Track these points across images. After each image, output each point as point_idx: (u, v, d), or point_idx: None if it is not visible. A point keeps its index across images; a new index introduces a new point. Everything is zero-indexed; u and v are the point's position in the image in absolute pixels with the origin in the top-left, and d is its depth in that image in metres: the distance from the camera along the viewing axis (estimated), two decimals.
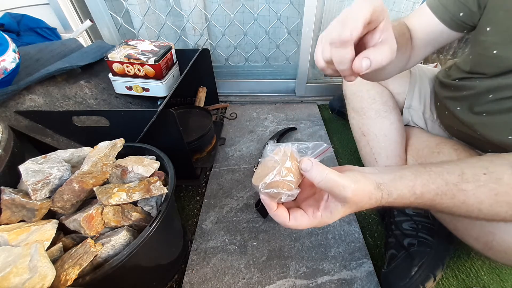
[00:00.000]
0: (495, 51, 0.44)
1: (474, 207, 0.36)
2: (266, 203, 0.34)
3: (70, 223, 0.44)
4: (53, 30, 0.97)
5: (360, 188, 0.32)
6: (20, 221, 0.44)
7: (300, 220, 0.34)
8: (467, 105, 0.53)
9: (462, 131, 0.55)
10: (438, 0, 0.48)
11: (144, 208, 0.50)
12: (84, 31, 1.04)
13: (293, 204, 0.37)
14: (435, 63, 1.03)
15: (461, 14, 0.47)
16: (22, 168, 0.44)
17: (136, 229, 0.49)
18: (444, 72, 0.63)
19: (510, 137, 0.45)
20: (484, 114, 0.49)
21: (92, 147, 0.53)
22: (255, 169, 0.83)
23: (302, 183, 0.35)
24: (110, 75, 0.82)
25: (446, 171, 0.37)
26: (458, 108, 0.55)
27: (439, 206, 0.36)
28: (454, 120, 0.57)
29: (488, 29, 0.44)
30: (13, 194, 0.43)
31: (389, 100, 0.70)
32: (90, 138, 0.58)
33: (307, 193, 0.38)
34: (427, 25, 0.50)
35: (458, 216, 0.37)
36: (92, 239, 0.43)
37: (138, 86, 0.83)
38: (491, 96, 0.48)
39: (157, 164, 0.55)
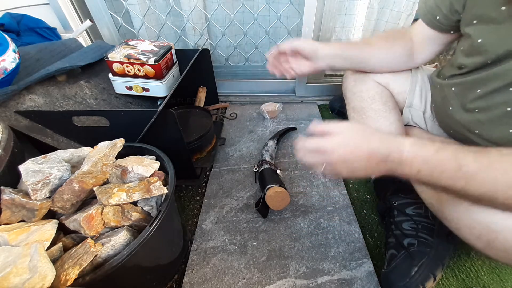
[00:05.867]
0: (479, 40, 0.46)
1: (503, 178, 0.33)
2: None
3: (70, 223, 0.44)
4: (53, 30, 0.97)
5: None
6: (20, 221, 0.44)
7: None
8: (458, 103, 0.54)
9: (459, 132, 0.55)
10: (424, 6, 0.57)
11: (144, 208, 0.50)
12: (84, 31, 1.04)
13: None
14: (435, 63, 1.03)
15: (437, 17, 0.55)
16: (22, 168, 0.44)
17: (136, 229, 0.49)
18: (437, 72, 0.64)
19: (511, 130, 0.45)
20: (476, 110, 0.50)
21: (92, 147, 0.53)
22: (255, 169, 0.83)
23: None
24: (110, 75, 0.82)
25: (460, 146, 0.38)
26: (451, 108, 0.55)
27: (465, 169, 0.34)
28: (450, 121, 0.57)
29: (475, 21, 0.47)
30: (13, 194, 0.43)
31: (389, 100, 0.70)
32: (90, 138, 0.58)
33: None
34: (423, 28, 0.59)
35: (479, 190, 0.35)
36: (92, 239, 0.43)
37: (138, 86, 0.83)
38: (479, 91, 0.49)
39: (157, 164, 0.55)
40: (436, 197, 0.50)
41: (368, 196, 0.80)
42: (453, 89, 0.54)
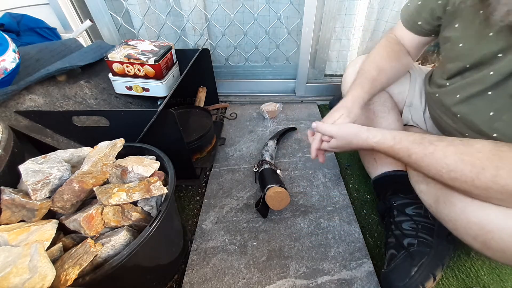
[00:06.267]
0: (460, 45, 0.47)
1: (442, 162, 0.41)
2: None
3: (70, 223, 0.44)
4: (53, 30, 0.97)
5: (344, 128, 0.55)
6: (20, 221, 0.44)
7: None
8: (444, 108, 0.55)
9: (453, 135, 0.56)
10: (406, 14, 0.61)
11: (144, 208, 0.50)
12: (84, 31, 1.04)
13: None
14: (433, 64, 1.03)
15: (419, 23, 0.58)
16: (22, 168, 0.44)
17: (136, 229, 0.49)
18: (429, 75, 0.65)
19: (495, 134, 0.45)
20: (458, 116, 0.51)
21: (92, 147, 0.53)
22: (255, 169, 0.83)
23: None
24: (110, 75, 0.82)
25: (428, 134, 0.46)
26: (440, 113, 0.57)
27: (414, 156, 0.45)
28: (444, 124, 0.58)
29: (456, 25, 0.48)
30: (13, 194, 0.43)
31: (387, 101, 0.70)
32: (90, 138, 0.58)
33: None
34: (407, 32, 0.62)
35: (430, 172, 0.44)
36: (92, 239, 0.43)
37: (138, 86, 0.83)
38: (458, 96, 0.50)
39: (157, 164, 0.55)
40: (434, 198, 0.50)
41: (368, 196, 0.80)
42: (437, 95, 0.55)
